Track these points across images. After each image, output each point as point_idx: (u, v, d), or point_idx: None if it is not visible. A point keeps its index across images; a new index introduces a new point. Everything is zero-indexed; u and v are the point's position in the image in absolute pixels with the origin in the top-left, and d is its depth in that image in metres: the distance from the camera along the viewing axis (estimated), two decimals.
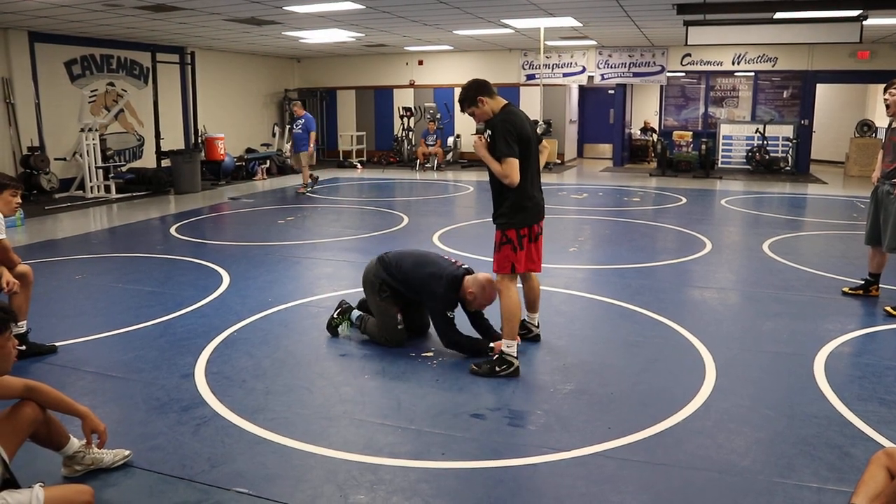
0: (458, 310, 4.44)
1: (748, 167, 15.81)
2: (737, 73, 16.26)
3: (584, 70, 16.66)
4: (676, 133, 16.65)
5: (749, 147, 15.90)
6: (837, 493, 2.82)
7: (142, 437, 3.31)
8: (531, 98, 16.03)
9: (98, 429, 2.88)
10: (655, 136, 17.66)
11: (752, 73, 16.10)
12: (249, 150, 15.94)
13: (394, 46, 16.04)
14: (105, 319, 5.15)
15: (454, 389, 3.90)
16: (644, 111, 19.06)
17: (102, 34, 12.64)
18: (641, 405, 3.69)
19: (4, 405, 2.75)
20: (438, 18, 11.34)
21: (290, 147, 12.36)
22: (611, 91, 17.86)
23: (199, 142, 14.13)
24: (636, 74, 16.42)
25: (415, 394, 3.86)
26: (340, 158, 17.99)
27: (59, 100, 12.46)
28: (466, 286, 4.31)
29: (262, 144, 16.87)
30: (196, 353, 4.42)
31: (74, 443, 2.94)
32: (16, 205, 4.22)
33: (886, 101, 5.27)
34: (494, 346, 4.24)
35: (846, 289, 5.80)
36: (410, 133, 17.55)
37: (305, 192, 12.15)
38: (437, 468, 3.06)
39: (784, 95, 16.18)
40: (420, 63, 17.99)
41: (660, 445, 3.25)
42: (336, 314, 4.81)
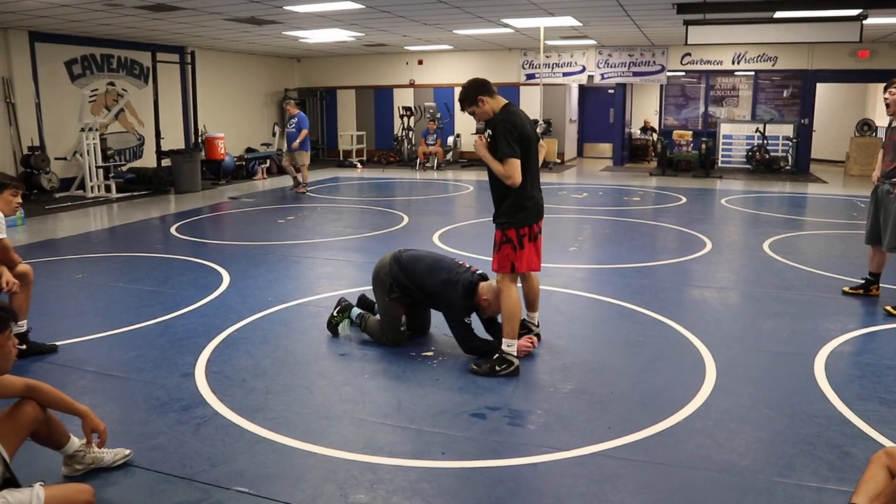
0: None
1: (748, 166, 15.81)
2: (737, 73, 16.26)
3: (584, 69, 16.66)
4: (676, 132, 16.64)
5: (749, 146, 15.90)
6: (838, 493, 2.82)
7: (142, 437, 3.31)
8: (531, 97, 16.03)
9: (98, 428, 2.88)
10: (655, 136, 17.66)
11: (753, 73, 16.10)
12: (249, 150, 15.95)
13: (394, 46, 16.04)
14: (105, 319, 5.15)
15: (454, 389, 3.90)
16: (644, 110, 19.06)
17: (103, 34, 12.65)
18: (642, 405, 3.70)
19: (5, 404, 2.76)
20: (438, 18, 11.34)
21: (286, 146, 12.35)
22: (611, 90, 17.85)
23: (200, 141, 14.13)
24: (636, 74, 16.42)
25: (415, 393, 3.86)
26: (340, 158, 18.00)
27: (60, 99, 12.47)
28: (481, 293, 4.26)
29: (262, 144, 16.87)
30: (196, 353, 4.43)
31: (75, 442, 2.94)
32: (16, 204, 4.22)
33: (886, 101, 5.27)
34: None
35: (846, 288, 5.80)
36: (410, 133, 17.56)
37: (305, 192, 12.15)
38: (438, 468, 3.06)
39: (784, 95, 16.18)
40: (420, 63, 17.99)
41: (660, 445, 3.25)
42: (336, 312, 4.80)
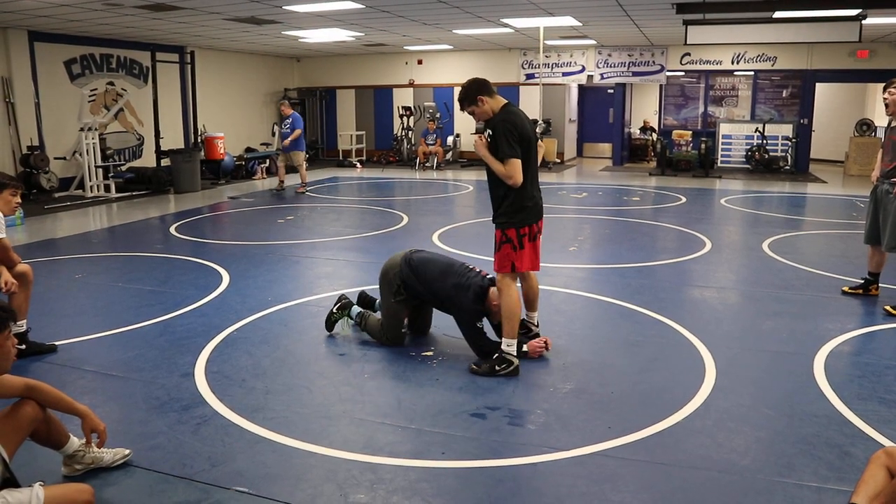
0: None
1: (748, 166, 15.82)
2: (736, 73, 16.26)
3: (584, 69, 16.66)
4: (676, 132, 16.64)
5: (748, 146, 15.91)
6: (837, 493, 2.82)
7: (142, 437, 3.31)
8: (531, 97, 16.03)
9: (98, 428, 2.88)
10: (655, 136, 17.66)
11: (752, 73, 16.10)
12: (249, 150, 15.94)
13: (393, 46, 16.04)
14: (105, 318, 5.15)
15: (454, 389, 3.90)
16: (643, 110, 19.05)
17: (102, 33, 12.64)
18: (641, 404, 3.70)
19: (4, 404, 2.75)
20: (438, 18, 11.34)
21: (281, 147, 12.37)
22: (610, 90, 17.86)
23: (199, 141, 14.12)
24: (636, 74, 16.42)
25: (415, 393, 3.86)
26: (340, 158, 18.00)
27: (59, 99, 12.46)
28: (492, 298, 4.24)
29: (262, 144, 16.86)
30: (196, 353, 4.42)
31: (74, 442, 2.94)
32: (15, 204, 4.22)
33: (885, 101, 5.27)
34: (529, 350, 4.26)
35: (846, 288, 5.80)
36: (410, 132, 17.56)
37: (305, 192, 12.15)
38: (437, 467, 3.06)
39: (783, 94, 16.19)
40: (419, 62, 17.99)
41: (660, 445, 3.25)
42: (335, 309, 4.78)
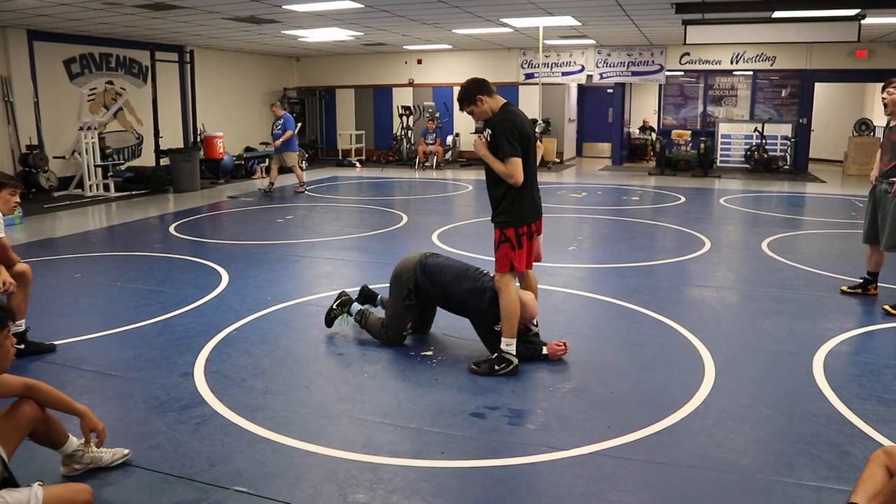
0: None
1: (747, 166, 15.82)
2: (735, 72, 16.27)
3: (583, 69, 16.67)
4: (675, 132, 16.64)
5: (748, 146, 15.91)
6: (836, 492, 2.82)
7: (141, 436, 3.31)
8: (530, 97, 16.03)
9: (97, 427, 2.88)
10: (654, 135, 17.66)
11: (751, 72, 16.11)
12: (248, 149, 15.93)
13: (393, 45, 16.03)
14: (104, 318, 5.14)
15: (454, 388, 3.90)
16: (643, 110, 19.04)
17: (101, 33, 12.63)
18: (641, 404, 3.70)
19: (3, 403, 2.75)
20: (437, 17, 11.34)
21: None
22: (610, 90, 17.86)
23: (198, 140, 14.10)
24: (635, 73, 16.43)
25: (414, 392, 3.86)
26: (339, 157, 18.00)
27: (58, 98, 12.45)
28: None
29: (261, 143, 16.84)
30: (195, 352, 4.42)
31: (73, 441, 2.94)
32: (14, 203, 4.22)
33: (884, 100, 5.28)
34: (550, 354, 4.24)
35: (845, 287, 5.80)
36: (409, 132, 17.55)
37: (304, 191, 12.15)
38: (437, 467, 3.06)
39: (783, 94, 16.20)
40: (419, 62, 17.98)
41: (659, 444, 3.25)
42: (335, 305, 4.78)
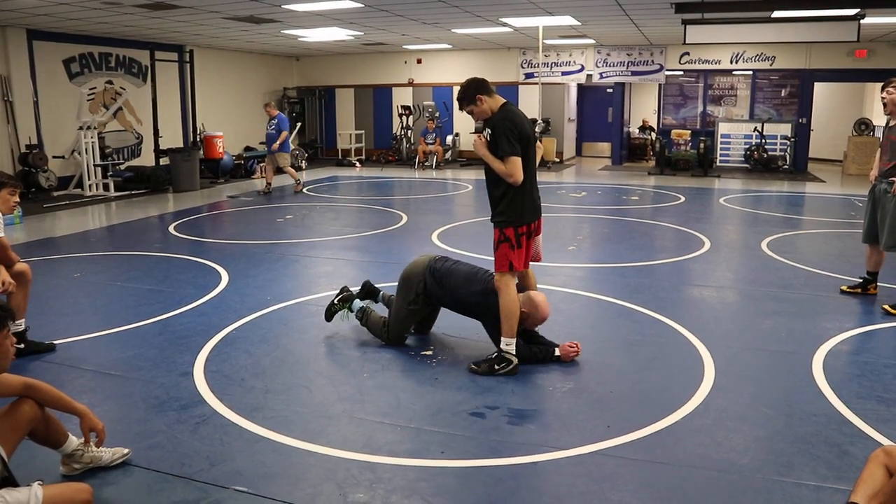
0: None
1: (746, 166, 15.83)
2: (735, 72, 16.27)
3: (583, 69, 16.67)
4: (675, 132, 16.64)
5: (747, 145, 15.92)
6: (836, 491, 2.82)
7: (140, 436, 3.31)
8: (530, 97, 16.03)
9: (96, 427, 2.88)
10: (654, 135, 17.67)
11: (751, 72, 16.11)
12: (248, 149, 15.93)
13: (393, 45, 16.03)
14: (104, 317, 5.14)
15: (453, 388, 3.90)
16: (642, 110, 19.05)
17: (101, 32, 12.62)
18: (640, 404, 3.70)
19: (3, 403, 2.75)
20: (437, 17, 11.33)
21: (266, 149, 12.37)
22: (609, 90, 17.86)
23: (198, 140, 14.09)
24: (635, 73, 16.42)
25: (414, 392, 3.86)
26: (339, 157, 17.99)
27: (58, 98, 12.44)
28: (521, 304, 4.20)
29: (261, 143, 16.79)
30: (195, 352, 4.42)
31: (73, 441, 2.93)
32: (14, 203, 4.21)
33: (884, 100, 5.28)
34: (562, 355, 4.23)
35: (844, 287, 5.80)
36: (409, 132, 17.55)
37: (301, 190, 12.15)
38: (437, 467, 3.06)
39: (782, 94, 16.20)
40: (419, 61, 17.98)
41: (659, 444, 3.25)
42: (337, 300, 4.77)
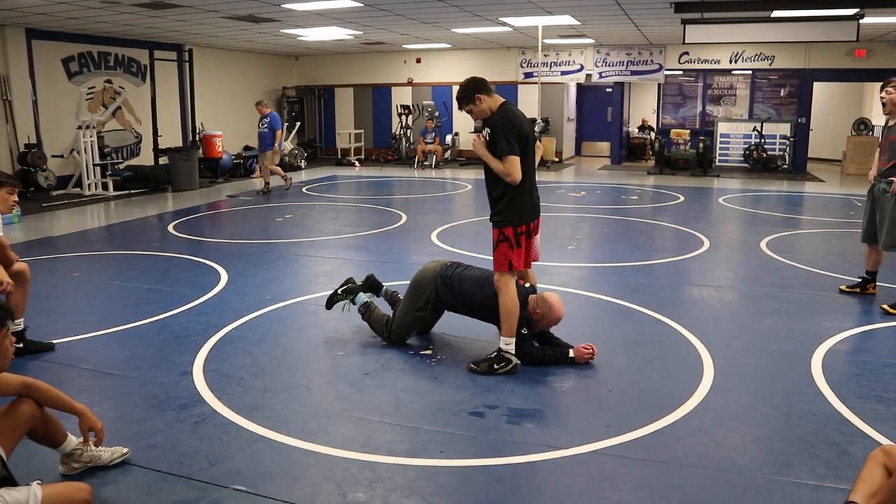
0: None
1: (746, 165, 15.83)
2: (734, 72, 16.28)
3: (583, 68, 16.67)
4: (674, 131, 16.66)
5: (746, 145, 15.92)
6: (835, 491, 2.82)
7: (140, 435, 3.30)
8: (529, 96, 16.03)
9: (95, 426, 2.87)
10: (653, 135, 17.67)
11: (750, 72, 16.12)
12: (247, 148, 15.89)
13: (392, 44, 16.03)
14: (103, 317, 5.14)
15: (453, 387, 3.90)
16: (642, 109, 19.05)
17: (100, 31, 12.61)
18: (640, 403, 3.70)
19: (2, 402, 2.75)
20: (437, 16, 11.33)
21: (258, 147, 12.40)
22: (609, 89, 17.86)
23: (197, 139, 14.08)
24: (634, 73, 16.43)
25: (413, 391, 3.86)
26: (339, 156, 17.99)
27: (57, 97, 12.43)
28: (533, 306, 4.22)
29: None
30: (194, 351, 4.42)
31: (72, 440, 2.93)
32: (13, 202, 4.21)
33: (883, 100, 5.28)
34: (577, 357, 4.22)
35: (843, 287, 5.81)
36: (408, 131, 17.54)
37: (290, 185, 12.20)
38: (436, 466, 3.06)
39: (781, 94, 16.21)
40: (418, 61, 17.98)
41: (658, 443, 3.25)
42: (340, 291, 4.76)
